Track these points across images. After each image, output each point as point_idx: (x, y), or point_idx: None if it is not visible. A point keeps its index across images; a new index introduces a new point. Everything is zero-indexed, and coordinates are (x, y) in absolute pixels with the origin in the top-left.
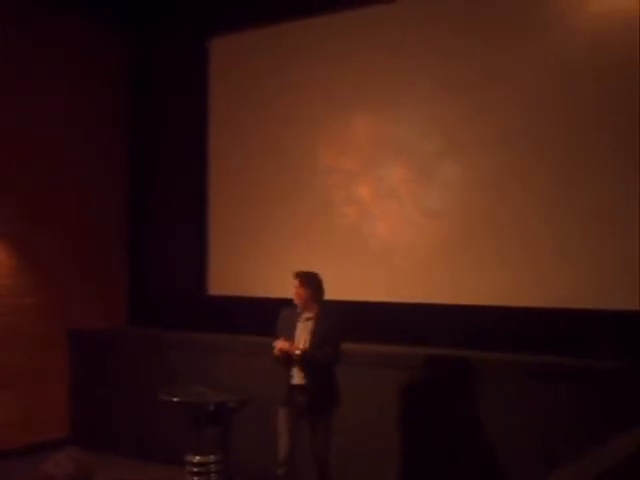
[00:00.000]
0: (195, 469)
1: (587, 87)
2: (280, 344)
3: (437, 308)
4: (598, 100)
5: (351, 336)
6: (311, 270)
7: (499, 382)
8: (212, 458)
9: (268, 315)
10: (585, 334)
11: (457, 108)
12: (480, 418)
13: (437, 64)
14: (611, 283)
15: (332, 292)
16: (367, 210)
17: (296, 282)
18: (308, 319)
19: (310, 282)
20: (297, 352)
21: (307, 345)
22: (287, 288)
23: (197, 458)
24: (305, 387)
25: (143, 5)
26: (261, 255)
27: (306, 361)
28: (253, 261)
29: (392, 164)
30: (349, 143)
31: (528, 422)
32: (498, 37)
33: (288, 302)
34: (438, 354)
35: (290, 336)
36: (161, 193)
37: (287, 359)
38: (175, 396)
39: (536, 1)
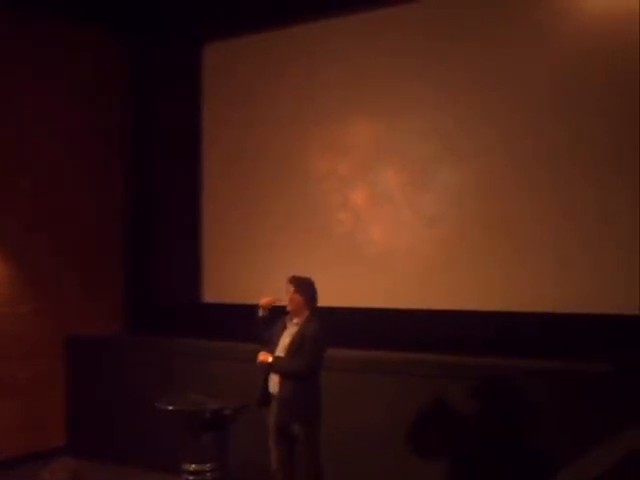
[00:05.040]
0: (192, 477)
1: (586, 89)
2: (262, 357)
3: (435, 314)
4: (597, 102)
5: (347, 342)
6: (306, 276)
7: (497, 386)
8: (209, 466)
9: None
10: (584, 339)
11: (454, 111)
12: (479, 421)
13: (434, 67)
14: (611, 288)
15: (328, 298)
16: (363, 215)
17: (291, 287)
18: (296, 324)
19: (305, 289)
20: (270, 360)
21: (285, 351)
22: (282, 295)
23: (194, 466)
24: (278, 396)
25: (139, 12)
26: (256, 262)
27: (276, 370)
28: (248, 268)
29: (388, 168)
30: (344, 147)
31: (525, 425)
32: (496, 39)
33: (282, 309)
34: (436, 360)
35: (277, 340)
36: (157, 200)
37: (265, 364)
38: (172, 404)
39: (534, 3)
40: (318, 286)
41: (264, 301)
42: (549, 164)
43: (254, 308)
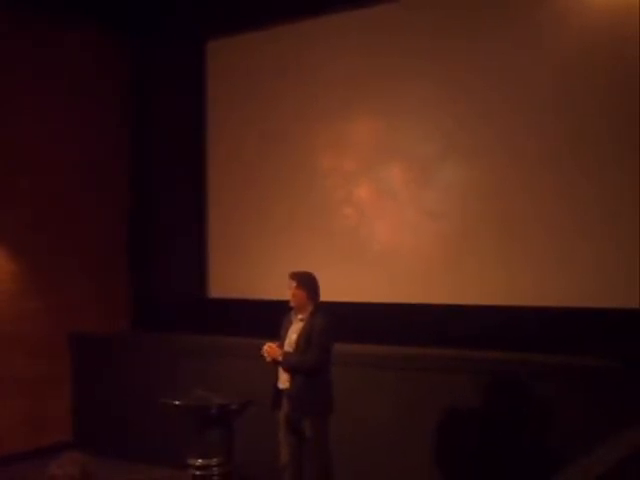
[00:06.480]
0: (198, 472)
1: (588, 88)
2: (267, 348)
3: (437, 309)
4: (599, 101)
5: (351, 337)
6: (306, 270)
7: (501, 381)
8: (215, 461)
9: (269, 317)
10: (585, 333)
11: (457, 109)
12: (482, 416)
13: (437, 66)
14: (611, 282)
15: (332, 293)
16: (367, 212)
17: (292, 283)
18: (301, 320)
19: (307, 283)
20: (279, 358)
21: (292, 347)
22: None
23: (200, 461)
24: (288, 392)
25: (139, 11)
26: (261, 257)
27: (285, 366)
28: (254, 263)
29: (392, 166)
30: (349, 144)
31: (528, 422)
32: (498, 39)
33: (289, 304)
34: (440, 354)
35: (284, 337)
36: (161, 196)
37: (276, 362)
38: (178, 399)
39: (536, 3)
40: (322, 282)
41: (266, 350)
42: (551, 163)
43: (260, 303)
